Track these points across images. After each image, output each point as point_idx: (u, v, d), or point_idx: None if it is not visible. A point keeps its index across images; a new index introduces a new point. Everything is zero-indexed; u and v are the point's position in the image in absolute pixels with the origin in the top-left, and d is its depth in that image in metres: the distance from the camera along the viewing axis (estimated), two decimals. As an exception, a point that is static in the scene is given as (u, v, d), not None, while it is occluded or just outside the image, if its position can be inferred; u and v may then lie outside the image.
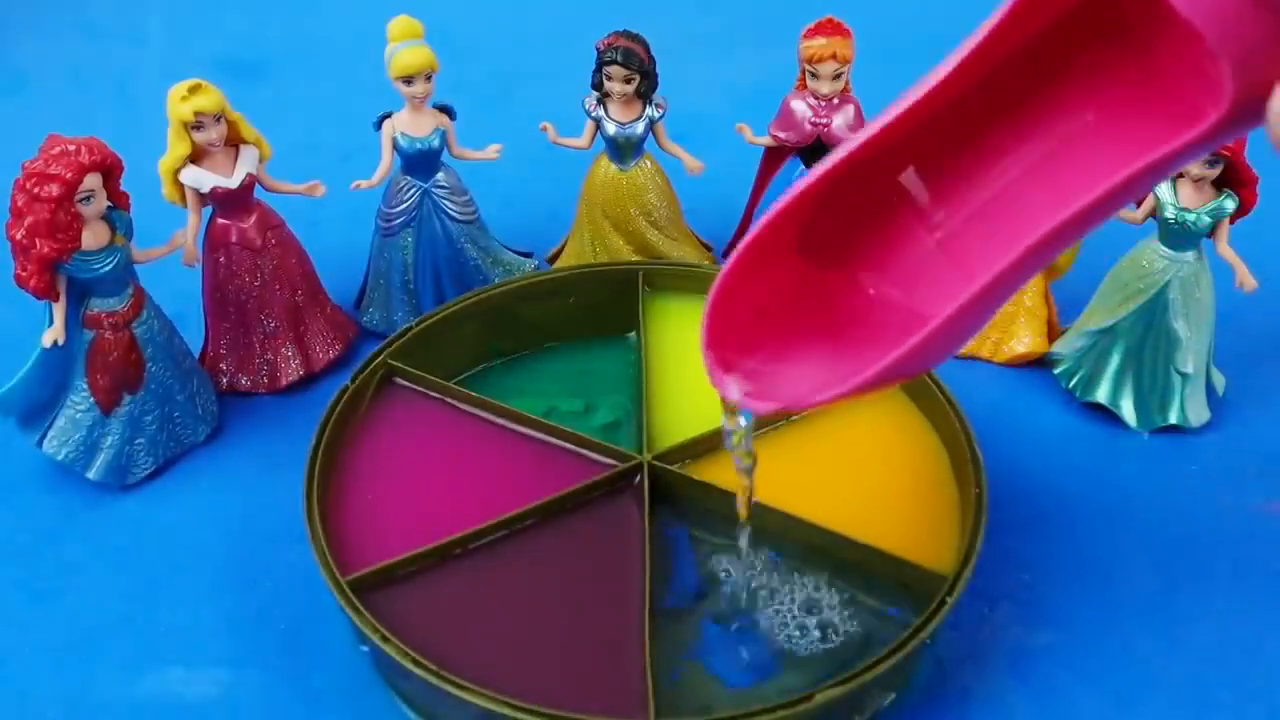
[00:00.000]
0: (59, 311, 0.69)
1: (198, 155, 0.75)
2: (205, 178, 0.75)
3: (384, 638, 0.56)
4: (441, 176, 0.83)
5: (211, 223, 0.78)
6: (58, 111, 1.16)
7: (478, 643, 0.60)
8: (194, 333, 0.81)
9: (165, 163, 0.74)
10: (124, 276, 0.71)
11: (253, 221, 0.78)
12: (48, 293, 0.68)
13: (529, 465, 0.70)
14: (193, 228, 0.77)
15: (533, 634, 0.61)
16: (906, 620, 0.60)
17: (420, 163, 0.82)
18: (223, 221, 0.78)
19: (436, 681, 0.54)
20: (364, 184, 0.81)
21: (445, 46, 0.80)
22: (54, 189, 0.64)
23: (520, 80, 1.20)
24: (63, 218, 0.65)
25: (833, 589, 0.64)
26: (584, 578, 0.64)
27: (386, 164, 0.81)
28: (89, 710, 0.62)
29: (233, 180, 0.75)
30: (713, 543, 0.67)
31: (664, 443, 0.70)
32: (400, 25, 0.77)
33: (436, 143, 0.81)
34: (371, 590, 0.61)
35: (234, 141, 0.75)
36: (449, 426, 0.72)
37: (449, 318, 0.77)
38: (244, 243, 0.78)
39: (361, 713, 0.62)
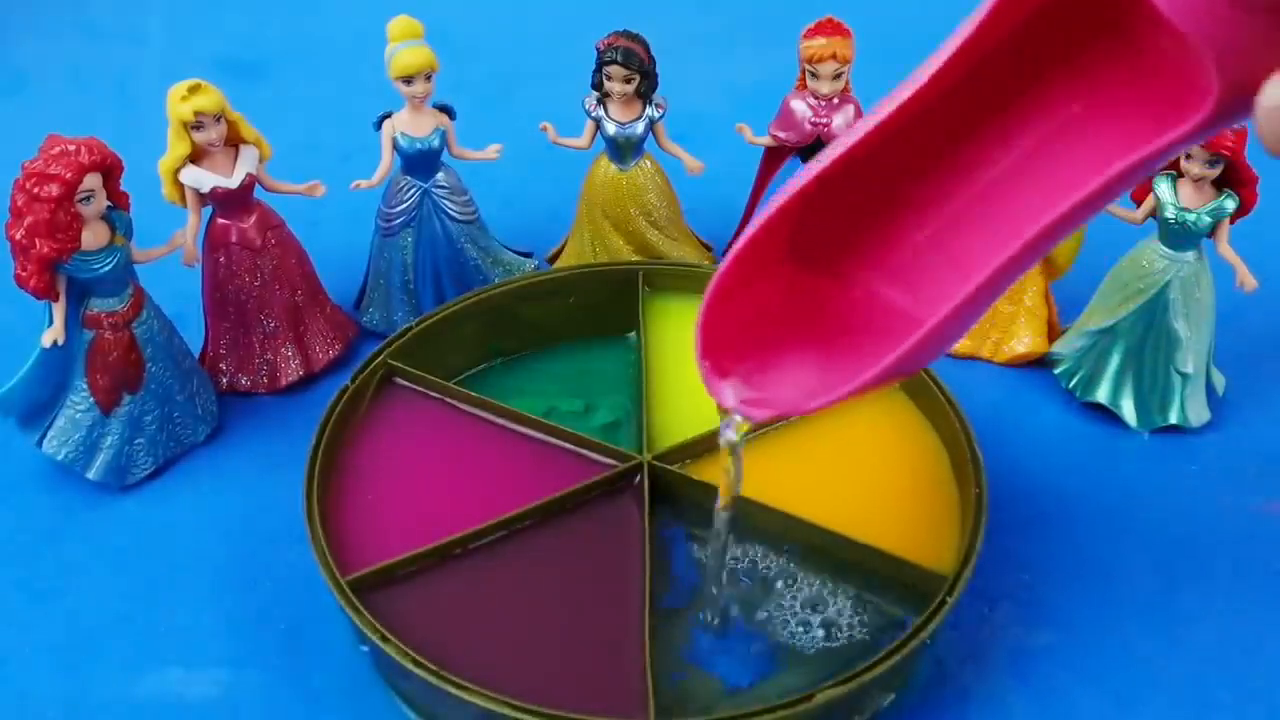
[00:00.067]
0: (59, 311, 0.69)
1: (198, 155, 0.75)
2: (205, 178, 0.75)
3: (384, 638, 0.56)
4: (441, 176, 0.83)
5: (211, 223, 0.78)
6: (58, 111, 1.16)
7: (478, 643, 0.60)
8: (194, 333, 0.81)
9: (165, 163, 0.74)
10: (124, 276, 0.71)
11: (253, 221, 0.78)
12: (47, 293, 0.68)
13: (529, 465, 0.70)
14: (192, 228, 0.77)
15: (533, 634, 0.61)
16: (906, 620, 0.60)
17: (420, 163, 0.82)
18: (223, 221, 0.78)
19: (436, 681, 0.54)
20: (364, 184, 0.81)
21: (445, 46, 0.80)
22: (54, 189, 0.64)
23: (520, 80, 1.20)
24: (62, 218, 0.65)
25: (832, 589, 0.64)
26: (584, 578, 0.64)
27: (386, 164, 0.81)
28: (89, 710, 0.62)
29: (233, 180, 0.75)
30: (706, 541, 0.66)
31: (664, 443, 0.70)
32: (400, 25, 0.77)
33: (436, 143, 0.81)
34: (371, 590, 0.61)
35: (234, 141, 0.75)
36: (449, 426, 0.72)
37: (449, 318, 0.77)
38: (244, 243, 0.78)
39: (361, 713, 0.62)
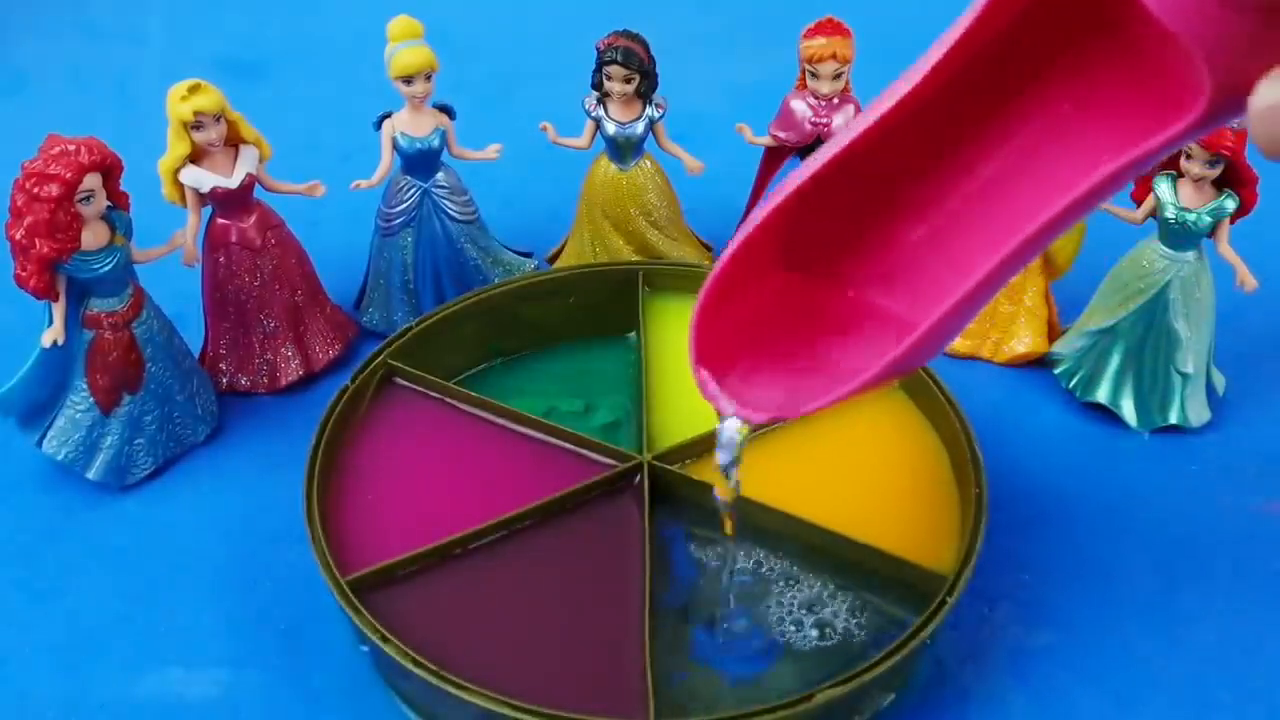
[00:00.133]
0: (58, 311, 0.69)
1: (197, 155, 0.75)
2: (205, 178, 0.75)
3: (384, 638, 0.56)
4: (441, 176, 0.83)
5: (211, 223, 0.78)
6: (58, 111, 1.16)
7: (478, 643, 0.60)
8: (194, 333, 0.81)
9: (165, 163, 0.74)
10: (124, 276, 0.71)
11: (252, 221, 0.78)
12: (47, 293, 0.68)
13: (529, 465, 0.70)
14: (192, 228, 0.77)
15: (533, 634, 0.61)
16: (906, 620, 0.60)
17: (420, 162, 0.82)
18: (222, 221, 0.78)
19: (436, 681, 0.54)
20: (364, 184, 0.81)
21: (445, 46, 0.80)
22: (54, 189, 0.64)
23: (520, 80, 1.20)
24: (62, 218, 0.65)
25: (832, 589, 0.64)
26: (584, 578, 0.64)
27: (386, 164, 0.81)
28: (89, 710, 0.62)
29: (232, 180, 0.75)
30: (713, 542, 0.66)
31: (664, 443, 0.70)
32: (400, 25, 0.77)
33: (436, 142, 0.81)
34: (371, 590, 0.61)
35: (234, 141, 0.75)
36: (449, 426, 0.72)
37: (449, 318, 0.77)
38: (244, 243, 0.78)
39: (361, 713, 0.62)
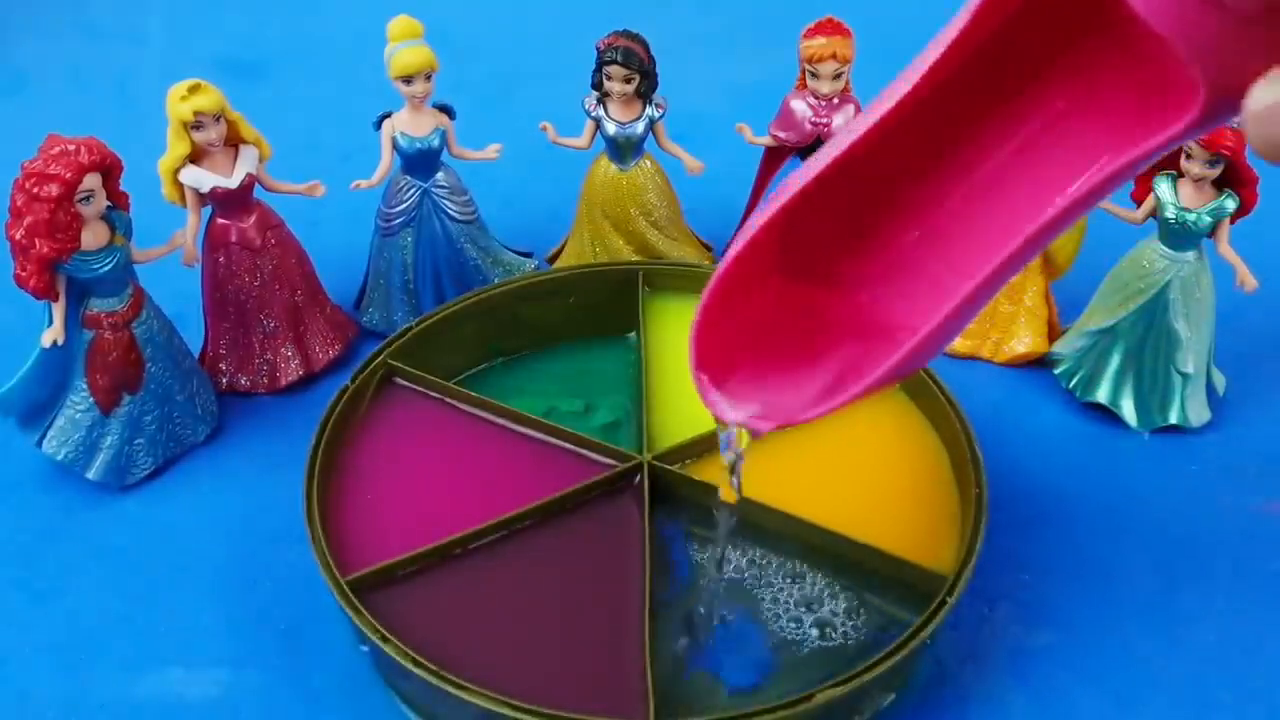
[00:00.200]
0: (58, 311, 0.69)
1: (197, 155, 0.75)
2: (205, 178, 0.75)
3: (384, 638, 0.56)
4: (441, 176, 0.83)
5: (211, 223, 0.78)
6: (58, 111, 1.16)
7: (478, 643, 0.60)
8: (194, 333, 0.81)
9: (165, 163, 0.74)
10: (123, 276, 0.71)
11: (252, 221, 0.78)
12: (47, 293, 0.68)
13: (529, 465, 0.70)
14: (192, 228, 0.77)
15: (533, 634, 0.61)
16: (906, 620, 0.60)
17: (420, 162, 0.82)
18: (222, 221, 0.78)
19: (436, 681, 0.54)
20: (364, 184, 0.81)
21: (445, 46, 0.80)
22: (53, 189, 0.64)
23: (520, 80, 1.20)
24: (62, 218, 0.65)
25: (832, 589, 0.64)
26: (584, 578, 0.64)
27: (386, 164, 0.81)
28: (89, 710, 0.62)
29: (232, 180, 0.75)
30: (713, 542, 0.66)
31: (664, 443, 0.70)
32: (400, 25, 0.77)
33: (436, 142, 0.81)
34: (371, 590, 0.61)
35: (234, 141, 0.75)
36: (449, 426, 0.72)
37: (449, 318, 0.77)
38: (244, 243, 0.78)
39: (361, 713, 0.62)
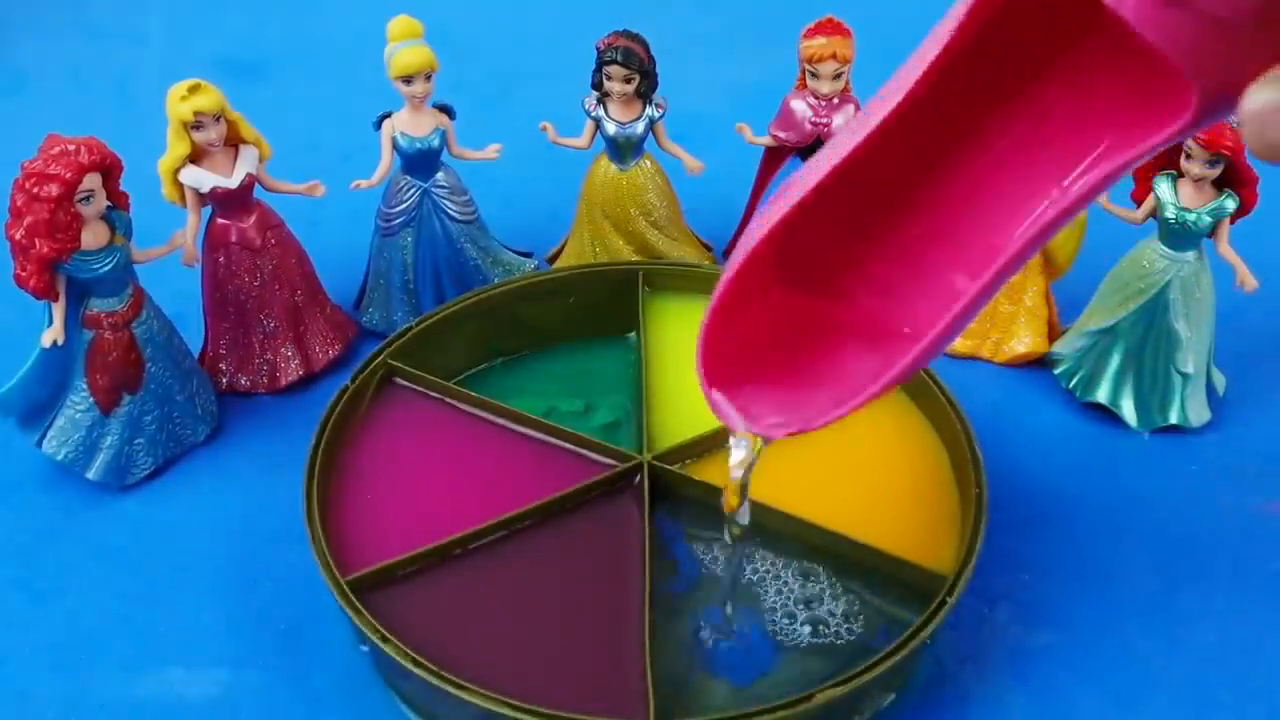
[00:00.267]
0: (58, 311, 0.69)
1: (197, 155, 0.75)
2: (205, 178, 0.75)
3: (384, 638, 0.56)
4: (441, 176, 0.83)
5: (211, 223, 0.78)
6: (58, 111, 1.16)
7: (478, 643, 0.60)
8: (194, 333, 0.81)
9: (165, 163, 0.74)
10: (123, 276, 0.71)
11: (252, 221, 0.78)
12: (47, 293, 0.68)
13: (529, 465, 0.70)
14: (192, 228, 0.77)
15: (533, 634, 0.61)
16: (906, 620, 0.60)
17: (420, 162, 0.82)
18: (222, 221, 0.78)
19: (436, 681, 0.54)
20: (364, 184, 0.81)
21: (445, 46, 0.80)
22: (53, 189, 0.64)
23: (520, 80, 1.20)
24: (62, 218, 0.65)
25: (833, 589, 0.64)
26: (584, 578, 0.64)
27: (386, 164, 0.81)
28: (88, 710, 0.62)
29: (232, 180, 0.75)
30: (712, 542, 0.67)
31: (664, 443, 0.70)
32: (400, 25, 0.77)
33: (436, 142, 0.81)
34: (371, 590, 0.61)
35: (234, 141, 0.75)
36: (449, 426, 0.72)
37: (449, 318, 0.77)
38: (244, 243, 0.78)
39: (361, 713, 0.62)
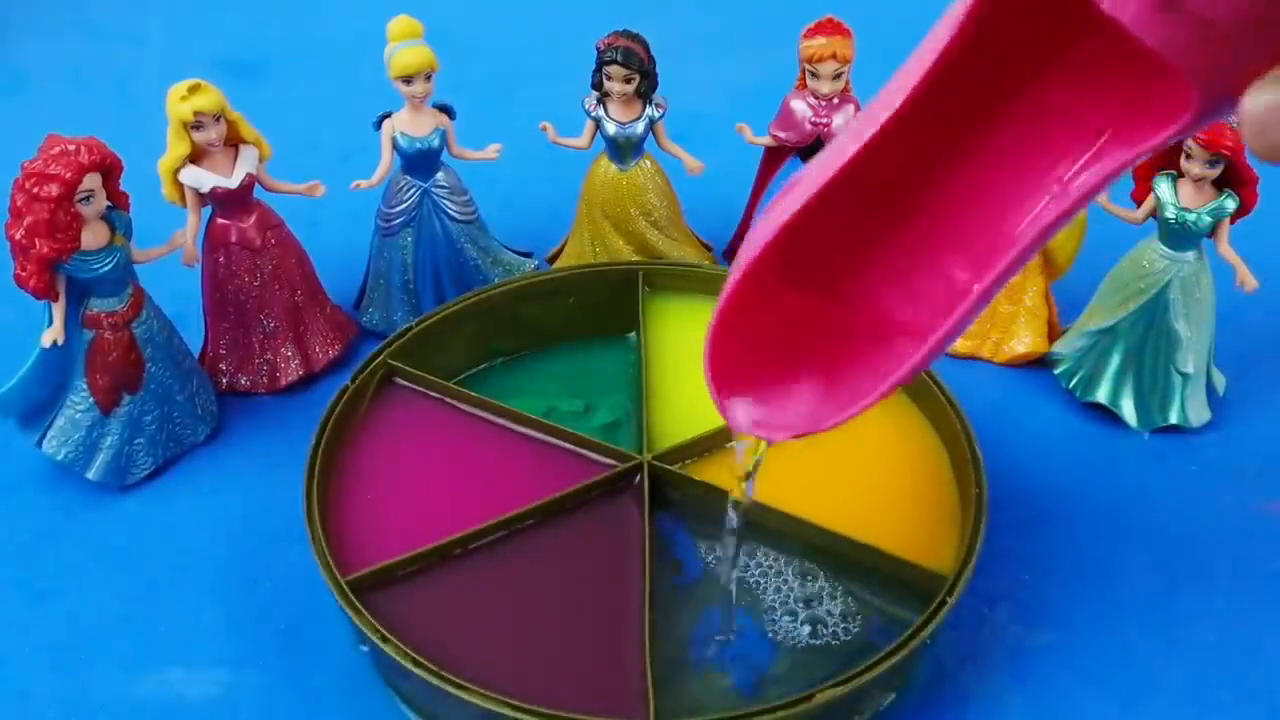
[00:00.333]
0: (58, 311, 0.69)
1: (197, 155, 0.75)
2: (205, 178, 0.75)
3: (384, 638, 0.56)
4: (441, 176, 0.83)
5: (211, 223, 0.78)
6: (58, 111, 1.16)
7: (478, 643, 0.60)
8: (194, 333, 0.81)
9: (165, 163, 0.74)
10: (123, 276, 0.71)
11: (252, 221, 0.78)
12: (47, 293, 0.68)
13: (529, 465, 0.70)
14: (192, 228, 0.77)
15: (533, 634, 0.61)
16: (906, 620, 0.60)
17: (420, 162, 0.82)
18: (222, 221, 0.78)
19: (436, 681, 0.54)
20: (364, 184, 0.81)
21: (445, 46, 0.80)
22: (53, 189, 0.64)
23: (520, 80, 1.20)
24: (62, 218, 0.65)
25: (832, 588, 0.64)
26: (584, 578, 0.64)
27: (386, 164, 0.81)
28: (88, 710, 0.62)
29: (232, 180, 0.75)
30: (713, 542, 0.67)
31: (664, 443, 0.70)
32: (400, 25, 0.77)
33: (436, 142, 0.81)
34: (371, 590, 0.61)
35: (234, 141, 0.75)
36: (449, 426, 0.72)
37: (449, 318, 0.77)
38: (244, 243, 0.78)
39: (361, 713, 0.62)
